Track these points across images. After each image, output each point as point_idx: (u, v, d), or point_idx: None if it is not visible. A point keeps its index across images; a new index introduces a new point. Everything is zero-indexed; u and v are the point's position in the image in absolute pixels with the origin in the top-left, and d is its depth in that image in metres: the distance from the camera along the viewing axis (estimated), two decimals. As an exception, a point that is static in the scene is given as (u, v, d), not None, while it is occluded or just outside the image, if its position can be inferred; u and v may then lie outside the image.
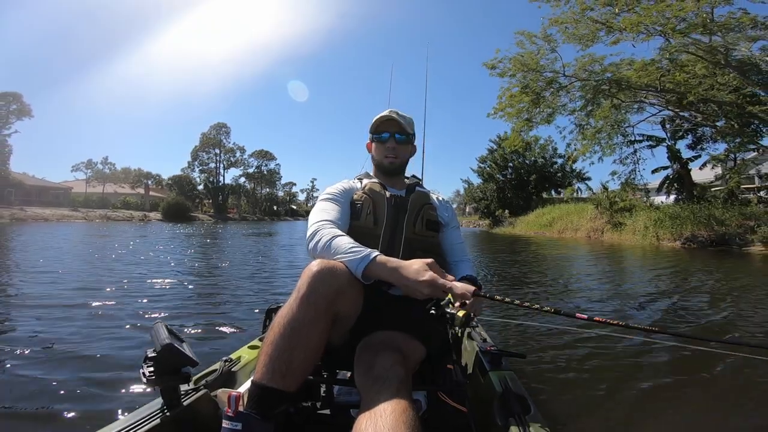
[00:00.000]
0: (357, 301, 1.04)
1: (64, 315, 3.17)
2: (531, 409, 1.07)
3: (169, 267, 6.36)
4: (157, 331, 1.04)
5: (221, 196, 52.79)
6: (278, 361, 0.86)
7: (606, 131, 14.18)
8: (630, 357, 2.56)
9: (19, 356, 2.28)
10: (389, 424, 0.73)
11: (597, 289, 5.08)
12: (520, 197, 31.17)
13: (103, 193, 44.42)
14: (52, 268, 5.75)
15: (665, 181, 15.60)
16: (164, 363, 0.97)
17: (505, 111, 12.99)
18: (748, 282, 5.66)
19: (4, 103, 32.61)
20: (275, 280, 5.40)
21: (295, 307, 0.90)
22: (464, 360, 1.64)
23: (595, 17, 11.30)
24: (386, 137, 1.34)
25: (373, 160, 1.41)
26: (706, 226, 11.04)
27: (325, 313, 0.92)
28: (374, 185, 1.31)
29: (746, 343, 2.69)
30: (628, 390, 2.07)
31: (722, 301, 4.33)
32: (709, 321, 3.51)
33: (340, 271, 0.96)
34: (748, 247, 9.91)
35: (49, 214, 27.83)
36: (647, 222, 12.81)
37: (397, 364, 0.91)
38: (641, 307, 3.97)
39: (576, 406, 1.92)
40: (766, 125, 10.63)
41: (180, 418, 1.00)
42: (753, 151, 11.98)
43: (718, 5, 10.16)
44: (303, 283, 0.93)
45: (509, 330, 3.00)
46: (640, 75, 10.72)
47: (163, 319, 1.99)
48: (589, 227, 16.50)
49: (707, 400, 2.02)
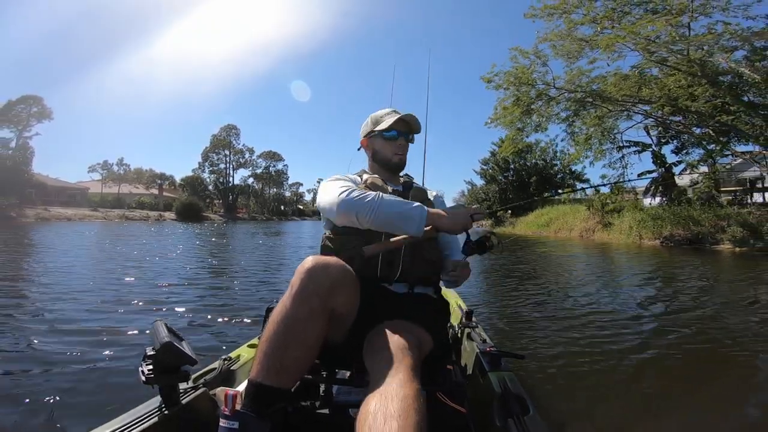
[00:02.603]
0: (353, 297, 1.04)
1: (63, 313, 3.21)
2: (530, 409, 1.07)
3: (174, 265, 6.54)
4: (157, 330, 1.04)
5: (231, 197, 54.34)
6: (273, 359, 0.87)
7: (597, 137, 15.21)
8: (630, 358, 2.58)
9: (18, 353, 2.32)
10: (400, 409, 0.73)
11: (579, 284, 5.55)
12: (521, 198, 32.22)
13: (119, 193, 46.10)
14: (67, 265, 5.99)
15: (651, 184, 16.62)
16: (163, 361, 0.97)
17: (500, 121, 14.11)
18: (703, 273, 6.70)
19: (25, 105, 34.12)
20: (277, 278, 5.53)
21: (288, 303, 0.91)
22: (463, 360, 1.65)
23: (579, 35, 12.37)
24: (398, 135, 1.36)
25: (376, 156, 1.41)
26: (683, 226, 12.05)
27: (319, 310, 0.92)
28: (376, 180, 1.34)
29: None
30: (627, 391, 2.12)
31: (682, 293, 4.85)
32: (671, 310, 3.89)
33: (333, 267, 0.96)
34: (717, 245, 10.93)
35: (71, 213, 29.37)
36: (632, 222, 13.84)
37: (409, 349, 0.91)
38: (615, 295, 4.38)
39: (575, 406, 1.94)
40: (737, 133, 11.64)
41: (178, 417, 1.00)
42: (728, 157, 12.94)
43: (694, 20, 11.16)
44: (296, 280, 0.93)
45: (509, 331, 3.08)
46: (618, 89, 11.80)
47: (163, 317, 2.01)
48: (582, 227, 17.51)
49: (707, 400, 2.02)
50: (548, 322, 3.32)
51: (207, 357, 1.63)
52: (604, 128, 14.59)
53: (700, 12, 10.97)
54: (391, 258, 1.21)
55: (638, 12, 11.78)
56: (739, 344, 2.82)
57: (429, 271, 1.28)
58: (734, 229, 10.82)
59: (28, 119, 33.71)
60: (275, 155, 62.33)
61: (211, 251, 9.77)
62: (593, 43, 11.89)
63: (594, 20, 12.06)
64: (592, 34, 12.00)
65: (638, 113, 14.22)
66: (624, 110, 13.93)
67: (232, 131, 56.19)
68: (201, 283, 4.95)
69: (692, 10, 10.83)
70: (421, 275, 1.26)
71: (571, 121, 14.15)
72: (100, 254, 8.20)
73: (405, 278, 1.23)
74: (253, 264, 7.30)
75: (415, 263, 1.23)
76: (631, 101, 13.09)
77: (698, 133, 12.69)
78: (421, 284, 1.27)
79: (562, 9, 12.43)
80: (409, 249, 1.21)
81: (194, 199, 43.88)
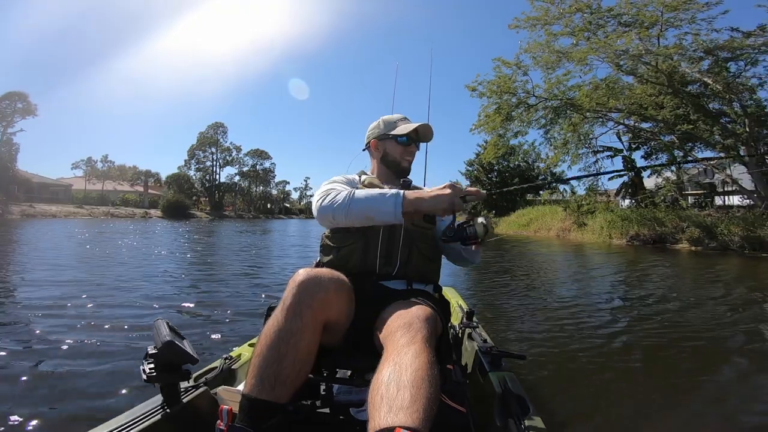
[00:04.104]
0: (346, 307, 1.05)
1: (64, 311, 3.24)
2: (530, 409, 1.08)
3: (171, 263, 6.56)
4: (158, 328, 1.05)
5: (217, 195, 54.19)
6: (267, 373, 0.87)
7: (574, 142, 16.21)
8: (629, 358, 2.60)
9: (18, 353, 2.33)
10: (414, 379, 0.73)
11: (575, 284, 5.84)
12: (505, 199, 33.37)
13: (103, 190, 45.55)
14: (61, 263, 6.03)
15: (622, 188, 17.78)
16: (165, 360, 0.98)
17: (483, 128, 15.00)
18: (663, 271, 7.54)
19: (10, 102, 33.61)
20: (276, 277, 5.58)
21: (281, 317, 0.91)
22: (464, 360, 1.65)
23: (557, 48, 13.28)
24: (409, 141, 1.38)
25: (385, 158, 1.41)
26: (648, 227, 13.05)
27: (312, 323, 0.92)
28: (373, 179, 1.35)
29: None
30: (627, 391, 2.13)
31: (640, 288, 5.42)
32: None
33: (325, 279, 0.97)
34: (677, 244, 11.96)
35: (56, 210, 29.13)
36: (603, 223, 14.84)
37: (424, 321, 0.92)
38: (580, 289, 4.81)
39: (575, 407, 1.95)
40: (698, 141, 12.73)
41: (180, 416, 1.01)
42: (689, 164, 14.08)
43: (662, 35, 12.12)
44: (288, 294, 0.94)
45: (509, 331, 3.10)
46: (589, 99, 12.78)
47: (164, 316, 2.00)
48: (559, 227, 18.49)
49: (708, 400, 2.03)
50: (548, 323, 3.35)
51: (208, 356, 1.63)
52: (579, 134, 15.60)
53: (669, 24, 11.96)
54: (389, 255, 1.24)
55: (613, 24, 12.76)
56: (746, 344, 2.89)
57: (427, 269, 1.31)
58: (692, 230, 11.85)
59: (12, 115, 33.24)
60: (262, 153, 62.25)
61: (204, 249, 9.84)
62: (569, 55, 12.83)
63: (572, 33, 12.99)
64: (569, 46, 12.94)
65: (610, 120, 15.29)
66: (597, 118, 14.96)
67: (219, 129, 56.00)
68: (198, 281, 4.98)
69: (662, 22, 11.81)
70: (419, 272, 1.28)
71: (548, 128, 15.13)
72: (92, 252, 8.19)
73: (403, 275, 1.25)
74: (248, 262, 7.40)
75: (412, 260, 1.26)
76: (603, 110, 14.11)
77: (665, 140, 13.77)
78: (419, 281, 1.29)
79: (544, 20, 13.34)
80: (406, 246, 1.25)
81: (182, 197, 43.70)
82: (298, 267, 1.04)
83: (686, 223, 12.26)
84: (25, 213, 26.02)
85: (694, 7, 11.50)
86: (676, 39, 12.11)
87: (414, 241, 1.26)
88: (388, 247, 1.24)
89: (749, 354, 2.73)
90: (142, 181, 50.54)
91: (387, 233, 1.24)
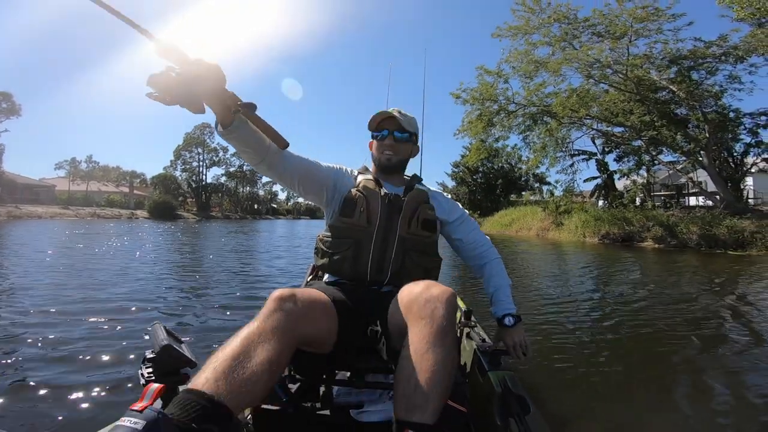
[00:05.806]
0: (324, 324, 1.04)
1: (61, 316, 3.21)
2: (530, 408, 1.08)
3: (164, 267, 6.50)
4: (156, 332, 1.05)
5: (204, 195, 54.00)
6: (223, 369, 0.80)
7: (552, 146, 17.22)
8: (629, 358, 2.59)
9: (16, 358, 2.31)
10: (442, 340, 0.79)
11: (569, 282, 5.88)
12: (489, 199, 34.44)
13: (87, 191, 45.01)
14: (51, 266, 5.96)
15: (596, 189, 18.89)
16: (163, 364, 0.98)
17: (467, 133, 15.88)
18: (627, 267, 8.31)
19: (-6, 102, 33.07)
20: (275, 279, 5.57)
21: (254, 326, 0.90)
22: (463, 359, 1.64)
23: (535, 57, 14.21)
24: (385, 134, 1.33)
25: (372, 158, 1.40)
26: (618, 226, 14.06)
27: (282, 341, 0.89)
28: (368, 182, 1.31)
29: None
30: (628, 390, 2.13)
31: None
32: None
33: (300, 300, 0.97)
34: (643, 242, 12.99)
35: (42, 211, 28.89)
36: (578, 223, 15.84)
37: (446, 291, 0.95)
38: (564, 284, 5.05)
39: (576, 406, 1.94)
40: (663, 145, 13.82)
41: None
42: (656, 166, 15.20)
43: (633, 45, 13.08)
44: (264, 309, 0.94)
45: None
46: (562, 107, 13.76)
47: (160, 319, 1.90)
48: (539, 227, 19.47)
49: (708, 400, 2.03)
50: (544, 320, 3.37)
51: (206, 359, 1.55)
52: (556, 138, 16.60)
53: (638, 34, 12.95)
54: (381, 262, 1.24)
55: (587, 34, 13.72)
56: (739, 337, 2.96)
57: (421, 277, 1.22)
58: (656, 229, 12.88)
59: (-4, 116, 32.75)
60: (250, 154, 61.92)
61: (194, 251, 9.91)
62: (545, 65, 13.78)
63: (549, 42, 13.92)
64: (546, 56, 13.89)
65: (583, 125, 16.34)
66: (571, 124, 15.97)
67: (206, 129, 55.71)
68: (194, 285, 4.96)
69: (632, 32, 12.78)
70: (413, 280, 1.21)
71: (525, 134, 16.11)
72: (82, 254, 8.04)
73: (395, 282, 1.23)
74: (242, 263, 7.43)
75: (404, 268, 1.25)
76: (576, 117, 15.11)
77: (634, 145, 14.85)
78: None
79: (524, 30, 14.24)
80: (399, 254, 1.24)
81: (168, 198, 43.41)
82: (291, 270, 1.31)
83: (651, 223, 13.29)
84: (11, 214, 25.74)
85: (662, 18, 12.51)
86: (646, 48, 13.14)
87: (408, 248, 1.25)
88: (380, 255, 1.23)
89: (736, 345, 2.84)
90: (127, 182, 50.05)
91: (380, 240, 1.24)
